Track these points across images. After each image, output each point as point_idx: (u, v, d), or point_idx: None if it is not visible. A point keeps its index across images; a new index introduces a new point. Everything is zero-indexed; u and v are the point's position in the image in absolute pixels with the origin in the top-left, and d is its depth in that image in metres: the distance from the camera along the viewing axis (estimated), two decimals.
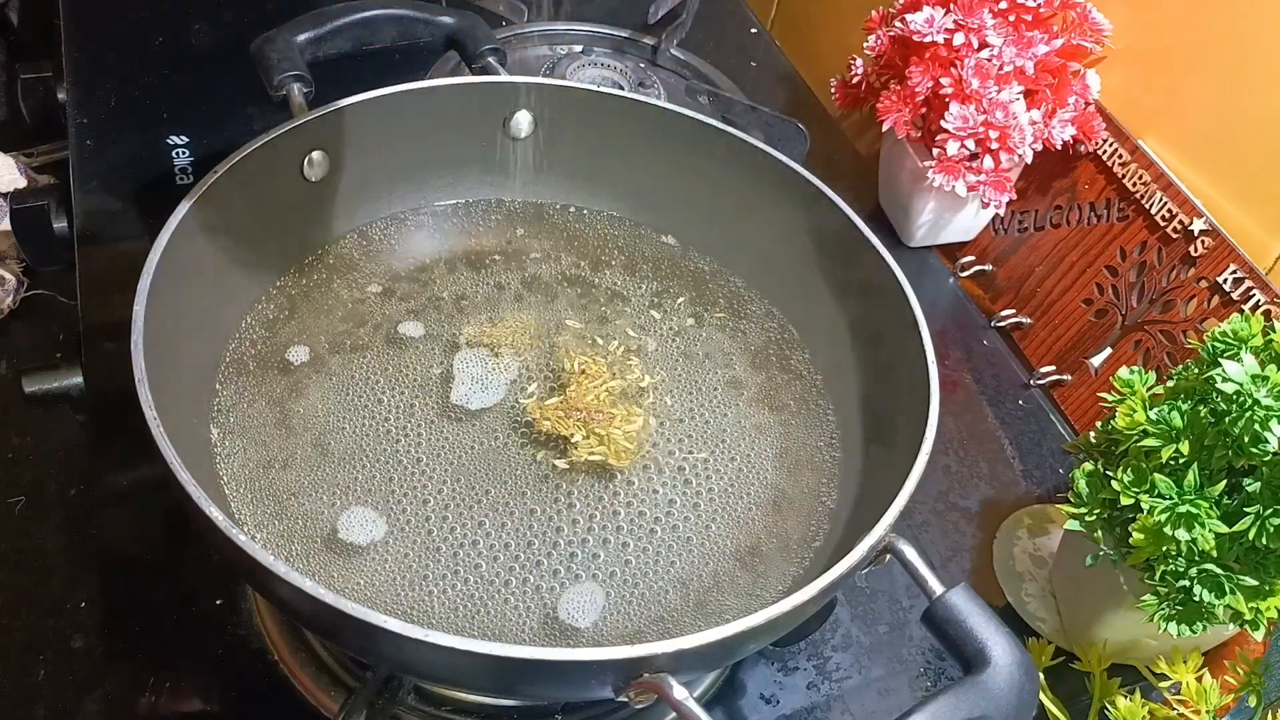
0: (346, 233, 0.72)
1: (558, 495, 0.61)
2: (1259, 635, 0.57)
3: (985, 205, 0.86)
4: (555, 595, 0.57)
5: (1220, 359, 0.56)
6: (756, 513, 0.62)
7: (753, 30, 1.16)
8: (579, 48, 1.03)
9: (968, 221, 0.95)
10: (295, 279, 0.69)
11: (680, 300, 0.73)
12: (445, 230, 0.74)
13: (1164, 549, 0.56)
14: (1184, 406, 0.58)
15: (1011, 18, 0.83)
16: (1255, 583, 0.55)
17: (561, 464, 0.62)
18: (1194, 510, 0.55)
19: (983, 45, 0.82)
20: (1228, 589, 0.55)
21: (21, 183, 1.03)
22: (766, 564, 0.60)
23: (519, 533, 0.59)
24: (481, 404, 0.64)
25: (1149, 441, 0.58)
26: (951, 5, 0.83)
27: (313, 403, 0.63)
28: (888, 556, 0.52)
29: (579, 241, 0.75)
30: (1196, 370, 0.60)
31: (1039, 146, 0.84)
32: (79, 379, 0.73)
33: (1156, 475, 0.57)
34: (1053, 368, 0.87)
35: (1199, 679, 0.60)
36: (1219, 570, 0.55)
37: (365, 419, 0.63)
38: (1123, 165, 0.84)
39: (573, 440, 0.62)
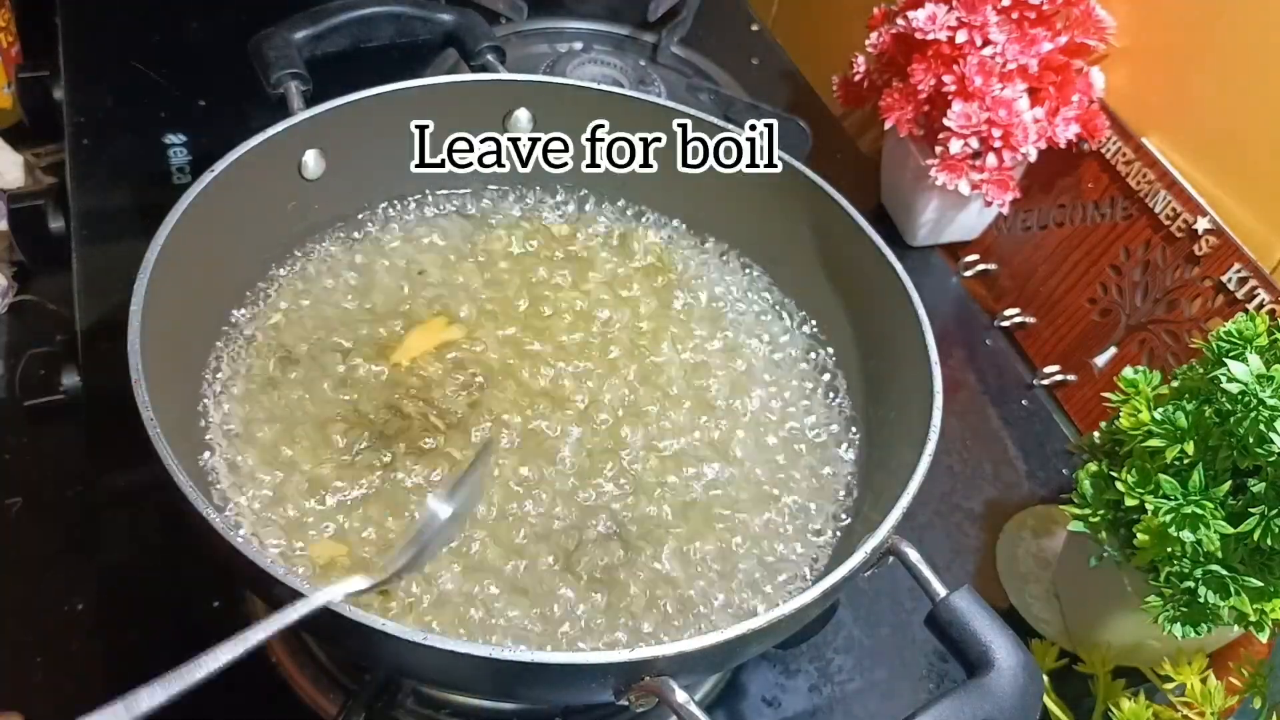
0: (344, 231, 0.71)
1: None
2: (1264, 637, 0.56)
3: (988, 204, 0.86)
4: (556, 595, 0.56)
5: (1225, 359, 0.56)
6: (758, 514, 0.62)
7: (754, 27, 1.15)
8: (579, 45, 1.03)
9: (971, 220, 0.94)
10: (294, 278, 0.68)
11: (679, 301, 0.72)
12: (444, 228, 0.74)
13: (1169, 550, 0.56)
14: (1189, 407, 0.58)
15: (1014, 15, 0.82)
16: (1260, 584, 0.55)
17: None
18: (1199, 511, 0.55)
19: (986, 43, 0.82)
20: (1232, 590, 0.55)
21: (21, 180, 1.03)
22: (768, 565, 0.60)
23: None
24: (477, 403, 0.64)
25: (1154, 442, 0.58)
26: (954, 2, 0.83)
27: (310, 402, 0.62)
28: (890, 558, 0.51)
29: (580, 236, 0.75)
30: (1201, 370, 0.60)
31: (1043, 144, 0.83)
32: (76, 379, 0.73)
33: (1161, 476, 0.56)
34: (1057, 368, 0.87)
35: (1204, 681, 0.60)
36: (1224, 571, 0.55)
37: (363, 419, 0.62)
38: (1126, 164, 0.83)
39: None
